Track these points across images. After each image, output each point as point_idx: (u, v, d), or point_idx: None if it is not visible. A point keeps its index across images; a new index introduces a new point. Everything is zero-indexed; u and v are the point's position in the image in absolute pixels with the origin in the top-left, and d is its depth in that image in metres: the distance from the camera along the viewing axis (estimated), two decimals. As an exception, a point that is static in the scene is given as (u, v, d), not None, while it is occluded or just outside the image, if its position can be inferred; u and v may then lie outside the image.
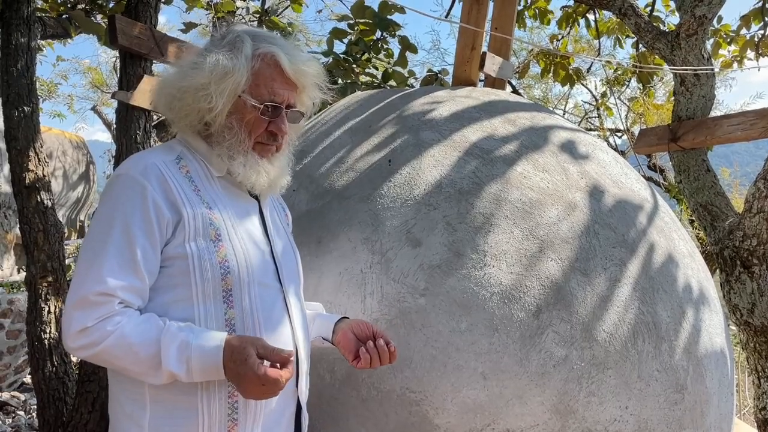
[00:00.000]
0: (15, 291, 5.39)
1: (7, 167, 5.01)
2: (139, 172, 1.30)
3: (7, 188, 7.43)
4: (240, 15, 4.40)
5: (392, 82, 4.49)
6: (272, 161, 1.45)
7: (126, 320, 1.22)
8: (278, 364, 1.23)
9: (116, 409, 1.34)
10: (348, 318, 1.61)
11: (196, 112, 1.37)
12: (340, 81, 4.21)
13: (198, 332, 1.25)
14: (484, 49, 3.07)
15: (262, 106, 1.38)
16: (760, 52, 6.04)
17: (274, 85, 1.39)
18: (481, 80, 3.23)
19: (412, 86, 4.61)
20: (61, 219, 3.15)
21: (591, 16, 6.47)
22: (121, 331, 1.21)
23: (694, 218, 4.50)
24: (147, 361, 1.21)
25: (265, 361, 1.22)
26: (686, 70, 3.91)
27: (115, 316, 1.22)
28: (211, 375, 1.24)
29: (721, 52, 6.30)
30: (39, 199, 3.01)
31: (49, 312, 2.99)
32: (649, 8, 5.74)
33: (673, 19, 6.31)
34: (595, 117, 11.31)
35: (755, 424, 3.60)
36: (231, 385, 1.29)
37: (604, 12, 5.98)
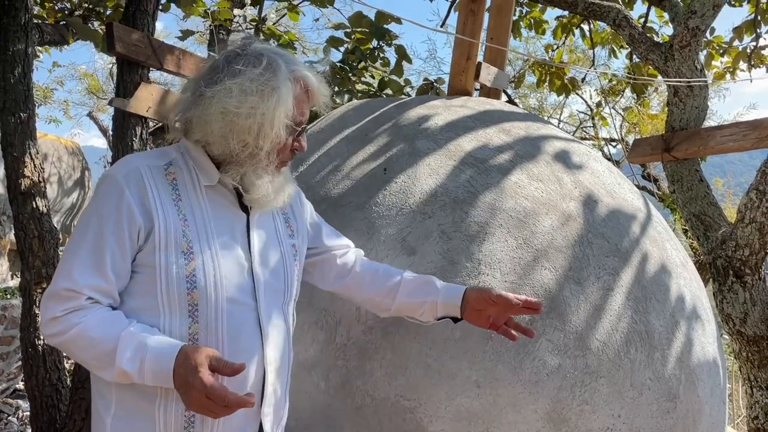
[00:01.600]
0: (9, 297, 5.37)
1: (2, 173, 5.00)
2: (122, 175, 1.33)
3: (1, 193, 7.41)
4: (237, 23, 4.43)
5: (388, 91, 4.51)
6: (283, 175, 1.48)
7: (92, 315, 1.27)
8: (238, 392, 1.21)
9: (92, 403, 1.40)
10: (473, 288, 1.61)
11: (250, 138, 1.35)
12: (336, 89, 4.23)
13: (160, 337, 1.27)
14: (480, 59, 3.09)
15: (299, 129, 1.43)
16: (752, 63, 6.10)
17: (303, 108, 1.44)
18: (476, 89, 3.25)
19: (408, 95, 4.64)
20: (55, 225, 3.14)
21: (586, 27, 6.53)
22: (85, 324, 1.25)
23: (687, 228, 4.53)
24: (104, 356, 1.24)
25: (217, 374, 1.21)
26: (680, 81, 3.95)
27: (83, 310, 1.27)
28: (161, 380, 1.24)
29: (714, 63, 6.36)
30: (34, 206, 3.01)
31: (43, 318, 2.99)
32: (642, 19, 5.79)
33: (667, 30, 6.37)
34: (589, 126, 11.37)
35: (748, 433, 3.61)
36: None
37: (599, 23, 6.03)
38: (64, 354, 1.38)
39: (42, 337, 2.96)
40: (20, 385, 4.92)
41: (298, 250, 1.58)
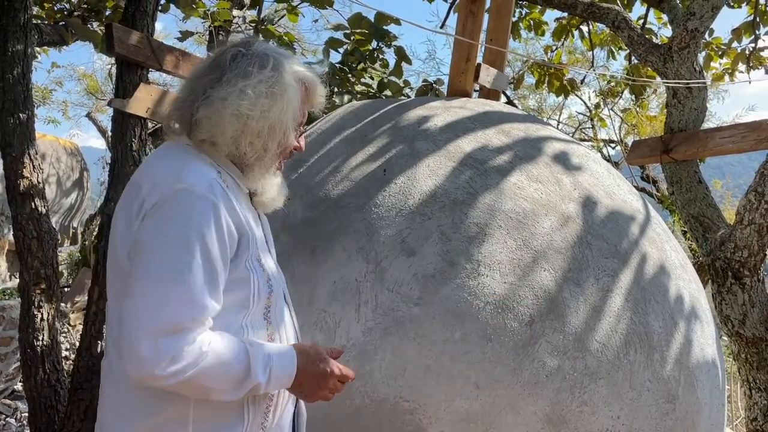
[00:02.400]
0: (7, 297, 5.37)
1: (0, 173, 5.00)
2: (205, 188, 1.23)
3: (0, 193, 7.41)
4: (236, 24, 4.43)
5: (388, 92, 4.51)
6: (279, 175, 1.49)
7: (214, 339, 1.18)
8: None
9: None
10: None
11: (262, 139, 1.34)
12: (336, 90, 4.23)
13: (272, 345, 1.30)
14: (479, 60, 3.10)
15: (302, 129, 1.43)
16: (751, 65, 6.10)
17: (304, 108, 1.44)
18: (475, 91, 3.25)
19: (408, 96, 4.64)
20: (54, 226, 3.14)
21: (585, 28, 6.54)
22: (214, 350, 1.17)
23: (686, 229, 4.54)
24: (236, 376, 1.20)
25: None
26: (678, 83, 3.95)
27: (204, 336, 1.17)
28: (282, 382, 1.28)
29: (712, 65, 6.37)
30: (33, 206, 3.01)
31: (42, 319, 2.99)
32: (641, 21, 5.79)
33: (666, 32, 6.38)
34: (588, 128, 11.38)
35: (747, 434, 3.61)
36: (269, 396, 1.33)
37: (598, 24, 6.04)
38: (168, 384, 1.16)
39: (41, 339, 2.96)
40: (19, 386, 4.92)
41: None
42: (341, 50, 4.51)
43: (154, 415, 1.26)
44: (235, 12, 4.12)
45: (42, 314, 2.99)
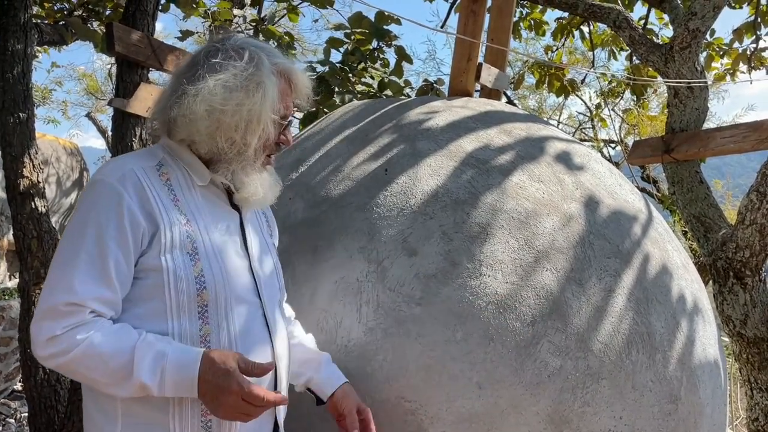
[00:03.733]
0: (7, 298, 5.36)
1: (0, 173, 5.00)
2: (116, 179, 1.25)
3: (0, 194, 7.41)
4: (237, 24, 4.42)
5: (388, 92, 4.50)
6: (269, 172, 1.46)
7: (97, 330, 1.18)
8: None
9: (88, 423, 1.30)
10: (349, 385, 1.64)
11: (238, 134, 1.33)
12: (336, 90, 4.23)
13: (176, 345, 1.22)
14: (480, 60, 3.09)
15: (285, 123, 1.39)
16: (752, 65, 6.10)
17: (288, 101, 1.41)
18: (476, 90, 3.25)
19: (408, 96, 4.63)
20: (54, 225, 3.14)
21: (586, 28, 6.53)
22: (91, 340, 1.16)
23: (687, 229, 4.53)
24: (118, 371, 1.17)
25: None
26: (680, 83, 3.95)
27: (86, 325, 1.18)
28: (183, 389, 1.19)
29: (714, 65, 6.37)
30: (33, 206, 3.01)
31: (42, 319, 2.98)
32: (643, 21, 5.79)
33: (667, 32, 6.38)
34: (589, 128, 11.38)
35: (748, 435, 3.61)
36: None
37: (599, 24, 6.03)
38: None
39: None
40: (18, 386, 4.91)
41: (276, 250, 1.60)
42: (342, 50, 4.51)
43: (87, 401, 1.31)
44: (236, 11, 4.12)
45: (42, 314, 2.98)
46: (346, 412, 1.59)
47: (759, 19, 5.69)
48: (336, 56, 4.51)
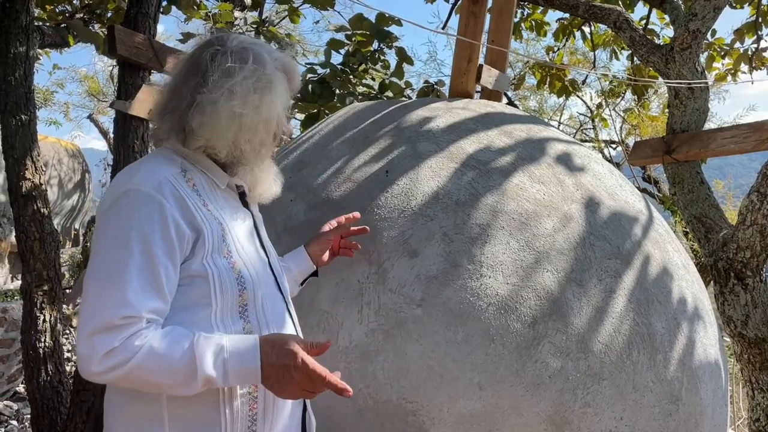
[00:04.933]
0: (9, 299, 5.37)
1: (2, 175, 5.00)
2: (152, 188, 1.24)
3: (1, 196, 7.42)
4: (238, 26, 4.43)
5: (389, 93, 4.51)
6: (273, 163, 1.51)
7: (153, 334, 1.18)
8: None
9: (128, 428, 1.29)
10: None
11: (260, 136, 1.36)
12: (337, 91, 4.23)
13: (230, 336, 1.24)
14: (481, 61, 3.09)
15: (291, 115, 1.44)
16: (753, 65, 6.11)
17: (289, 94, 1.45)
18: (477, 92, 3.25)
19: (409, 97, 4.64)
20: (56, 227, 3.14)
21: (587, 29, 6.53)
22: (150, 344, 1.16)
23: (688, 230, 4.53)
24: (181, 370, 1.17)
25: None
26: (680, 83, 3.95)
27: (141, 333, 1.17)
28: (247, 377, 1.21)
29: (715, 65, 6.37)
30: (35, 208, 3.01)
31: (44, 321, 2.99)
32: (643, 21, 5.79)
33: (668, 32, 6.38)
34: (590, 128, 11.38)
35: (749, 435, 3.60)
36: (251, 397, 1.29)
37: (600, 25, 6.04)
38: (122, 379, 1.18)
39: (43, 340, 2.96)
40: (21, 388, 4.92)
41: None
42: (343, 51, 4.51)
43: (126, 408, 1.29)
44: (237, 13, 4.12)
45: (44, 316, 2.99)
46: (326, 232, 1.80)
47: (760, 19, 5.69)
48: (337, 58, 4.53)
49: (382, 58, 4.57)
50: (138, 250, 1.19)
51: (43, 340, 2.97)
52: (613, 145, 10.81)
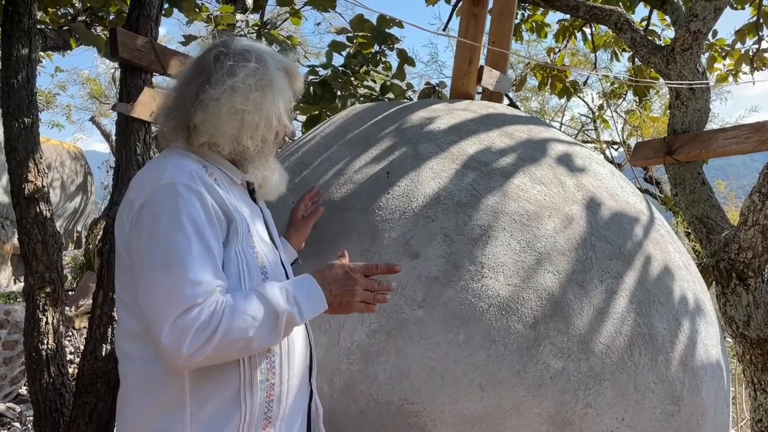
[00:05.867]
0: (12, 302, 5.38)
1: (5, 178, 5.01)
2: (187, 179, 1.29)
3: (4, 198, 7.44)
4: (239, 28, 4.44)
5: (390, 95, 4.51)
6: (277, 162, 1.57)
7: (226, 298, 1.23)
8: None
9: (151, 420, 1.31)
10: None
11: (260, 133, 1.41)
12: (338, 93, 4.24)
13: (273, 283, 1.32)
14: (482, 62, 3.10)
15: (293, 116, 1.48)
16: (755, 66, 6.10)
17: (291, 96, 1.50)
18: (478, 93, 3.25)
19: (410, 99, 4.64)
20: (58, 230, 3.15)
21: (588, 30, 6.54)
22: (228, 304, 1.22)
23: (690, 231, 4.53)
24: (265, 317, 1.23)
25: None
26: (681, 84, 3.95)
27: (219, 300, 1.22)
28: (316, 304, 1.31)
29: (716, 65, 6.37)
30: (38, 210, 3.02)
31: (46, 323, 2.99)
32: (644, 22, 5.79)
33: (669, 33, 6.38)
34: (591, 129, 11.37)
35: (752, 436, 3.60)
36: (270, 381, 1.35)
37: (601, 26, 6.04)
38: (206, 358, 1.22)
39: (45, 342, 2.96)
40: (23, 390, 4.93)
41: None
42: (344, 53, 4.52)
43: (143, 403, 1.32)
44: (238, 16, 4.13)
45: (47, 318, 3.00)
46: (302, 222, 1.90)
47: (761, 20, 5.69)
48: (338, 60, 4.53)
49: (383, 59, 4.58)
50: (194, 235, 1.24)
51: (45, 342, 2.98)
52: (615, 146, 10.81)
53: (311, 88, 4.14)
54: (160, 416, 1.29)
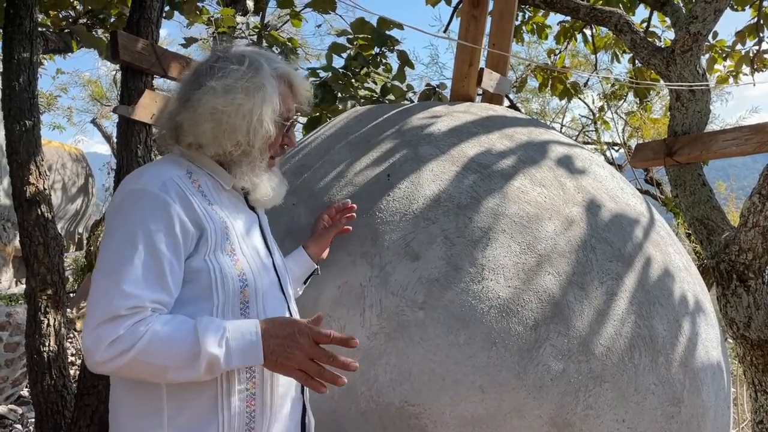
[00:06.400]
0: (13, 304, 5.39)
1: (6, 180, 5.01)
2: (158, 188, 1.29)
3: (5, 201, 7.45)
4: (240, 30, 4.44)
5: (391, 97, 4.52)
6: (275, 172, 1.52)
7: (156, 320, 1.21)
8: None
9: (129, 425, 1.32)
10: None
11: (240, 136, 1.39)
12: (339, 95, 4.25)
13: (226, 321, 1.27)
14: (482, 64, 3.11)
15: (288, 124, 1.46)
16: (755, 67, 6.11)
17: (289, 103, 1.48)
18: (478, 95, 3.26)
19: (411, 100, 4.65)
20: (59, 231, 3.16)
21: (588, 31, 6.54)
22: (153, 328, 1.19)
23: (690, 232, 4.53)
24: (185, 351, 1.19)
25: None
26: (681, 86, 3.96)
27: (145, 320, 1.20)
28: (249, 355, 1.22)
29: (716, 67, 6.37)
30: (39, 213, 3.03)
31: (48, 325, 3.00)
32: (644, 24, 5.80)
33: (670, 35, 6.38)
34: (592, 131, 11.37)
35: (753, 437, 3.60)
36: (249, 393, 1.32)
37: (601, 28, 6.04)
38: (125, 374, 1.23)
39: (47, 345, 2.97)
40: (25, 392, 4.94)
41: None
42: (344, 55, 4.53)
43: (127, 401, 1.32)
44: (239, 18, 4.14)
45: (48, 320, 3.01)
46: (323, 232, 1.85)
47: (761, 21, 5.69)
48: (339, 61, 4.54)
49: (383, 61, 4.59)
50: (144, 245, 1.24)
51: (47, 344, 2.99)
52: (616, 148, 10.81)
53: (312, 90, 4.14)
54: (142, 416, 1.30)
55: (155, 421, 1.28)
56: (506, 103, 3.72)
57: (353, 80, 4.41)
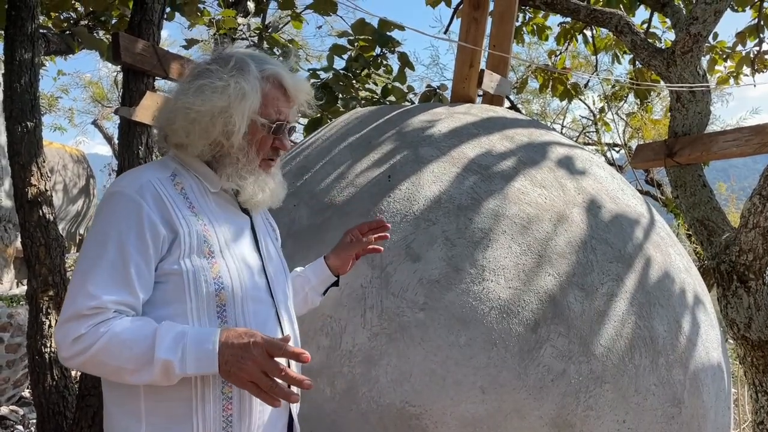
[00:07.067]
0: (15, 305, 5.39)
1: (8, 182, 5.02)
2: (134, 191, 1.31)
3: (7, 202, 7.45)
4: (241, 31, 4.45)
5: (391, 98, 4.53)
6: (272, 176, 1.50)
7: (118, 321, 1.23)
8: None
9: (111, 425, 1.35)
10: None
11: (215, 135, 1.39)
12: (340, 96, 4.25)
13: (195, 327, 1.28)
14: (483, 66, 3.11)
15: (274, 126, 1.43)
16: (755, 68, 6.11)
17: (278, 104, 1.45)
18: (479, 96, 3.26)
19: (411, 101, 4.65)
20: (61, 233, 3.16)
21: (588, 33, 6.55)
22: (113, 329, 1.21)
23: (691, 233, 4.53)
24: (141, 355, 1.20)
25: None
26: (682, 87, 3.96)
27: (108, 321, 1.22)
28: (204, 363, 1.21)
29: (717, 68, 6.38)
30: (41, 214, 3.03)
31: (50, 326, 3.01)
32: (645, 25, 5.80)
33: (670, 36, 6.39)
34: (592, 132, 11.38)
35: (754, 438, 3.60)
36: (225, 397, 1.31)
37: (602, 28, 6.05)
38: (88, 374, 1.26)
39: (49, 346, 2.97)
40: (26, 393, 4.94)
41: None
42: (345, 56, 4.54)
43: (108, 400, 1.36)
44: (240, 20, 4.15)
45: (50, 321, 3.01)
46: (348, 247, 1.71)
47: (762, 22, 5.70)
48: (340, 63, 4.55)
49: (384, 62, 4.59)
50: (114, 247, 1.27)
51: (48, 345, 2.99)
52: (616, 148, 10.81)
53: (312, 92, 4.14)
54: (123, 411, 1.32)
55: (133, 419, 1.31)
56: (507, 104, 3.72)
57: (354, 81, 4.41)
